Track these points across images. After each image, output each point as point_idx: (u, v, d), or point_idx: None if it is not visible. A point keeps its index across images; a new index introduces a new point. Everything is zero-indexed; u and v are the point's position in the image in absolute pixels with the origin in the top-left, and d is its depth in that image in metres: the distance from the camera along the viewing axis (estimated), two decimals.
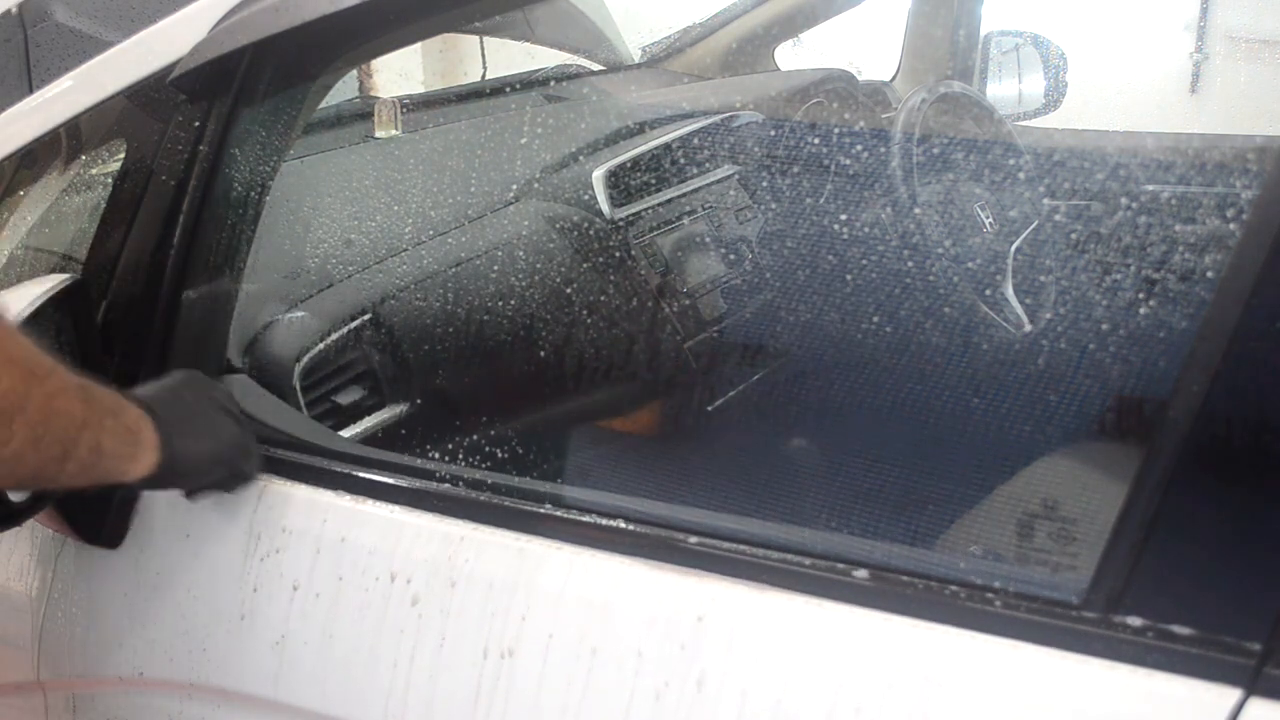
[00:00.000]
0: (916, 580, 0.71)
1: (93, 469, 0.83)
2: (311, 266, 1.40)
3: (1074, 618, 0.65)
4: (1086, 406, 1.28)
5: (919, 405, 1.37)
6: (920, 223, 1.52)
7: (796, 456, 1.45)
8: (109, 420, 0.83)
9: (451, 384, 1.42)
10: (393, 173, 1.65)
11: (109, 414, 0.84)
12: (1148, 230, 1.48)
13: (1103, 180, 1.75)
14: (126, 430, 0.86)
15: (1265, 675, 0.59)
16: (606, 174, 1.65)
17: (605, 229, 1.62)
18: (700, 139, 1.78)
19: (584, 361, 1.54)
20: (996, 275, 1.58)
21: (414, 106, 1.83)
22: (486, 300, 1.48)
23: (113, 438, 0.84)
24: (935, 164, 1.60)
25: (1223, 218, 1.48)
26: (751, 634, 0.74)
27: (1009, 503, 1.16)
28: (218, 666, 0.99)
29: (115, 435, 0.84)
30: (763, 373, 1.69)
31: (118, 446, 0.85)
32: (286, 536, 0.96)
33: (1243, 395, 0.62)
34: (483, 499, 0.90)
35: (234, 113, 1.09)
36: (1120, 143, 1.90)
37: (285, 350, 1.26)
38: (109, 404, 0.84)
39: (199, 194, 1.09)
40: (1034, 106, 2.05)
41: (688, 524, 0.81)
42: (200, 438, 0.94)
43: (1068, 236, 1.67)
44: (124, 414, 0.86)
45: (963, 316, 1.49)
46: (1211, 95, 3.32)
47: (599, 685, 0.79)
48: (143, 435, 0.87)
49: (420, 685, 0.87)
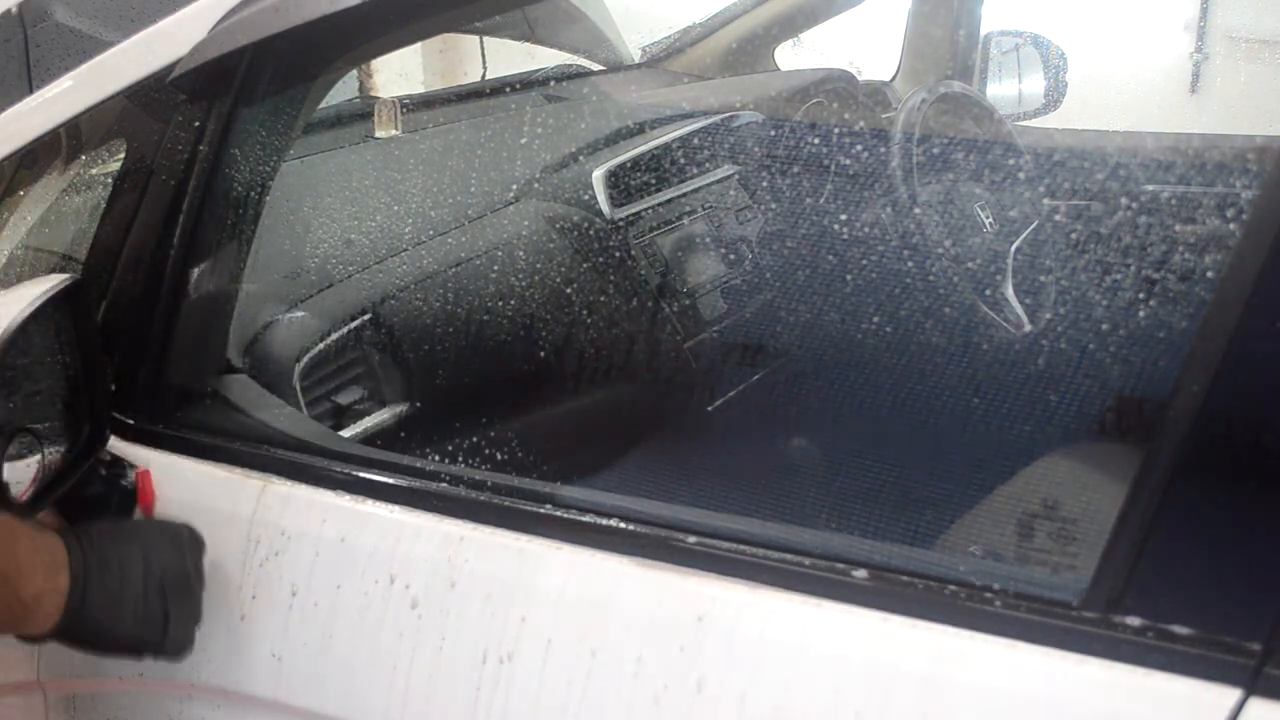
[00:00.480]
0: (917, 580, 0.71)
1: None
2: (311, 266, 1.40)
3: (1074, 618, 0.65)
4: (1086, 406, 1.28)
5: (919, 405, 1.37)
6: (920, 223, 1.51)
7: (796, 456, 1.45)
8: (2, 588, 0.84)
9: (452, 384, 1.42)
10: (393, 173, 1.65)
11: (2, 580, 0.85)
12: (1148, 230, 1.48)
13: (1103, 180, 1.75)
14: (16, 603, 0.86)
15: (1265, 675, 0.59)
16: (606, 174, 1.65)
17: (605, 229, 1.62)
18: (700, 139, 1.78)
19: (584, 361, 1.54)
20: (996, 275, 1.58)
21: (414, 106, 1.83)
22: (487, 300, 1.48)
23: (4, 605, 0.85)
24: (935, 164, 1.60)
25: (1223, 218, 1.48)
26: (751, 634, 0.74)
27: (1009, 503, 1.16)
28: (218, 666, 0.99)
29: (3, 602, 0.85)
30: (763, 373, 1.69)
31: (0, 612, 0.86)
32: (286, 537, 0.96)
33: (1243, 395, 0.62)
34: (483, 499, 0.90)
35: (234, 113, 1.09)
36: (1120, 143, 1.90)
37: (285, 350, 1.26)
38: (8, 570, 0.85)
39: (199, 194, 1.08)
40: (1034, 106, 2.05)
41: (688, 524, 0.81)
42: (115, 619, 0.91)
43: (1068, 236, 1.67)
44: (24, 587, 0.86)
45: (963, 316, 1.49)
46: (1211, 95, 3.32)
47: (599, 686, 0.79)
48: (40, 608, 0.87)
49: (420, 685, 0.87)
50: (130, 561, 0.93)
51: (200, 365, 1.11)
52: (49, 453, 1.01)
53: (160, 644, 0.95)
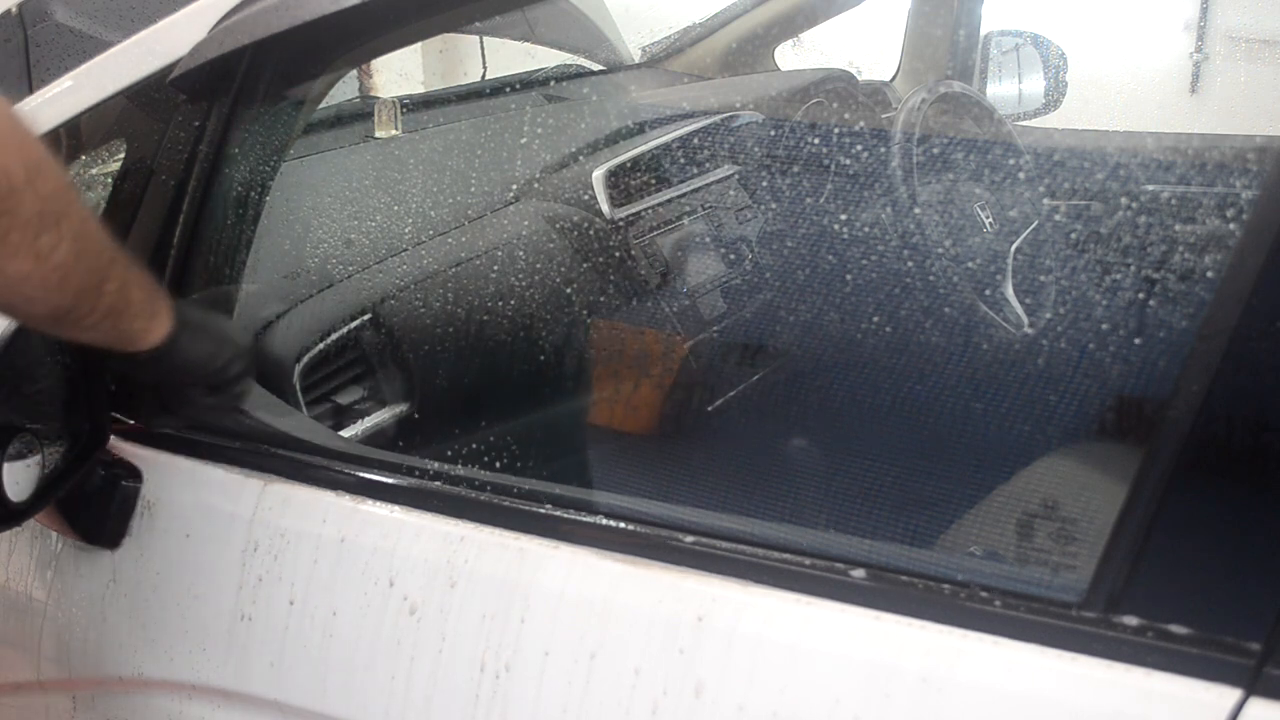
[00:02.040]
0: (916, 580, 0.71)
1: (118, 317, 0.88)
2: (311, 266, 1.40)
3: (1074, 618, 0.65)
4: (1086, 406, 1.28)
5: (919, 405, 1.37)
6: (920, 223, 1.51)
7: (796, 456, 1.45)
8: (134, 271, 0.89)
9: (451, 384, 1.42)
10: (393, 173, 1.65)
11: (133, 264, 0.89)
12: (1148, 230, 1.48)
13: (1103, 180, 1.75)
14: (149, 289, 0.92)
15: (1265, 675, 0.59)
16: (606, 174, 1.65)
17: (605, 229, 1.62)
18: (700, 139, 1.78)
19: (584, 361, 1.54)
20: (996, 275, 1.58)
21: (414, 106, 1.83)
22: (486, 300, 1.48)
23: (138, 289, 0.89)
24: (935, 164, 1.60)
25: (1223, 218, 1.48)
26: (751, 634, 0.74)
27: (1009, 503, 1.15)
28: (218, 666, 0.99)
29: (140, 288, 0.90)
30: (762, 373, 1.69)
31: (141, 301, 0.90)
32: (286, 536, 0.96)
33: (1243, 395, 0.62)
34: (483, 499, 0.90)
35: (234, 113, 1.09)
36: (1120, 143, 1.90)
37: (285, 350, 1.26)
38: (129, 258, 0.89)
39: (199, 194, 1.09)
40: (1034, 106, 2.06)
41: (687, 524, 0.81)
42: (203, 340, 0.99)
43: (1068, 236, 1.67)
44: (145, 275, 0.92)
45: (963, 316, 1.49)
46: (1211, 95, 3.32)
47: (599, 687, 0.79)
48: (159, 304, 0.93)
49: (420, 685, 0.87)
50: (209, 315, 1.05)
51: None
52: (49, 453, 1.01)
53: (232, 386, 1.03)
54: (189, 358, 0.97)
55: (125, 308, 0.88)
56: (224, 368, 1.01)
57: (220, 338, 1.02)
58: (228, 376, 1.03)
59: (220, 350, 1.01)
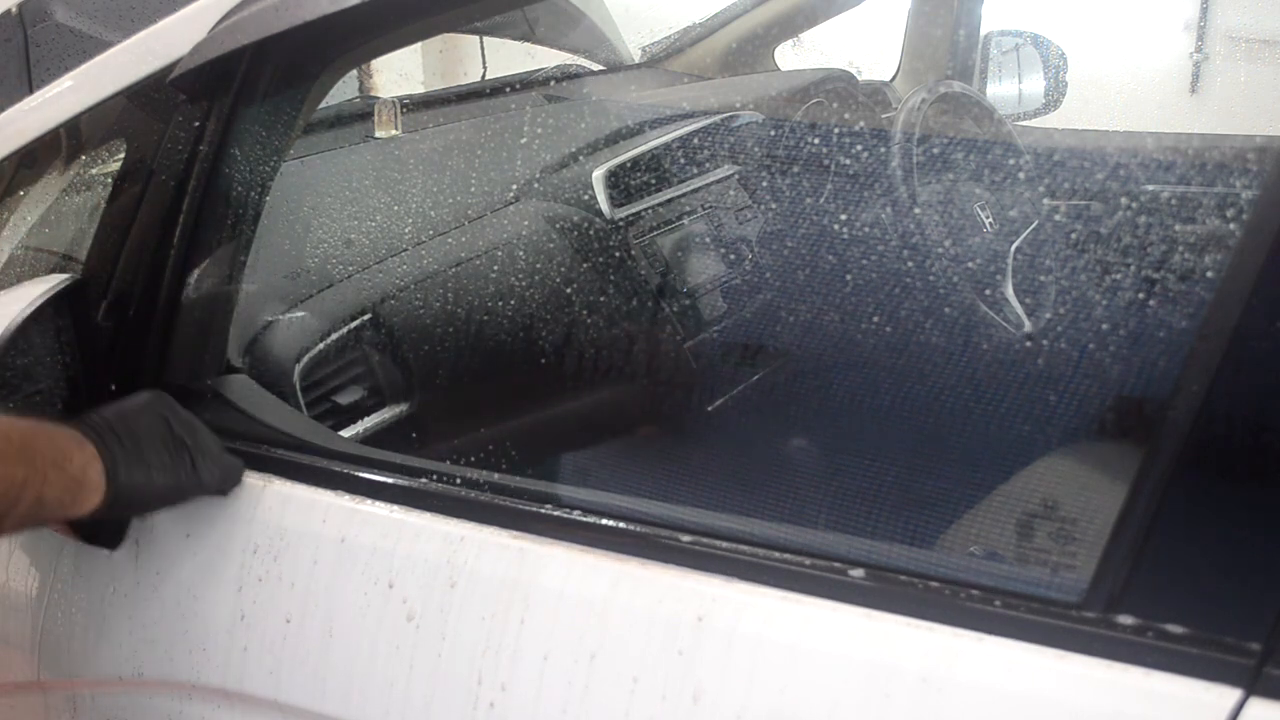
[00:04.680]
0: (916, 580, 0.71)
1: (35, 517, 0.85)
2: (311, 266, 1.40)
3: (1074, 618, 0.65)
4: (1086, 406, 1.28)
5: (919, 405, 1.37)
6: (920, 223, 1.52)
7: (796, 456, 1.45)
8: (52, 473, 0.85)
9: (451, 384, 1.42)
10: (393, 173, 1.65)
11: (52, 466, 0.85)
12: (1148, 230, 1.48)
13: (1103, 180, 1.75)
14: (70, 480, 0.87)
15: (1265, 675, 0.59)
16: (606, 174, 1.65)
17: (605, 229, 1.62)
18: (700, 139, 1.78)
19: (584, 361, 1.54)
20: (996, 275, 1.58)
21: (414, 106, 1.83)
22: (486, 300, 1.48)
23: (56, 489, 0.86)
24: (935, 164, 1.60)
25: (1223, 218, 1.48)
26: (751, 634, 0.74)
27: (1008, 503, 1.16)
28: (218, 666, 0.99)
29: (58, 486, 0.86)
30: (762, 373, 1.69)
31: (61, 496, 0.86)
32: (286, 536, 0.96)
33: (1243, 395, 0.62)
34: (482, 499, 0.90)
35: (234, 113, 1.09)
36: (1120, 143, 1.90)
37: (285, 350, 1.26)
38: (53, 455, 0.86)
39: (199, 194, 1.08)
40: (1034, 106, 2.06)
41: (687, 524, 0.81)
42: (148, 470, 0.94)
43: (1068, 236, 1.67)
44: (69, 463, 0.87)
45: (963, 316, 1.49)
46: (1211, 95, 3.32)
47: (599, 688, 0.79)
48: (88, 478, 0.89)
49: (420, 686, 0.87)
50: (135, 421, 0.96)
51: (200, 365, 1.11)
52: None
53: (199, 482, 0.97)
54: (137, 500, 0.94)
55: (39, 510, 0.85)
56: (188, 488, 0.97)
57: (165, 465, 0.95)
58: (202, 487, 0.98)
59: (167, 481, 0.95)
